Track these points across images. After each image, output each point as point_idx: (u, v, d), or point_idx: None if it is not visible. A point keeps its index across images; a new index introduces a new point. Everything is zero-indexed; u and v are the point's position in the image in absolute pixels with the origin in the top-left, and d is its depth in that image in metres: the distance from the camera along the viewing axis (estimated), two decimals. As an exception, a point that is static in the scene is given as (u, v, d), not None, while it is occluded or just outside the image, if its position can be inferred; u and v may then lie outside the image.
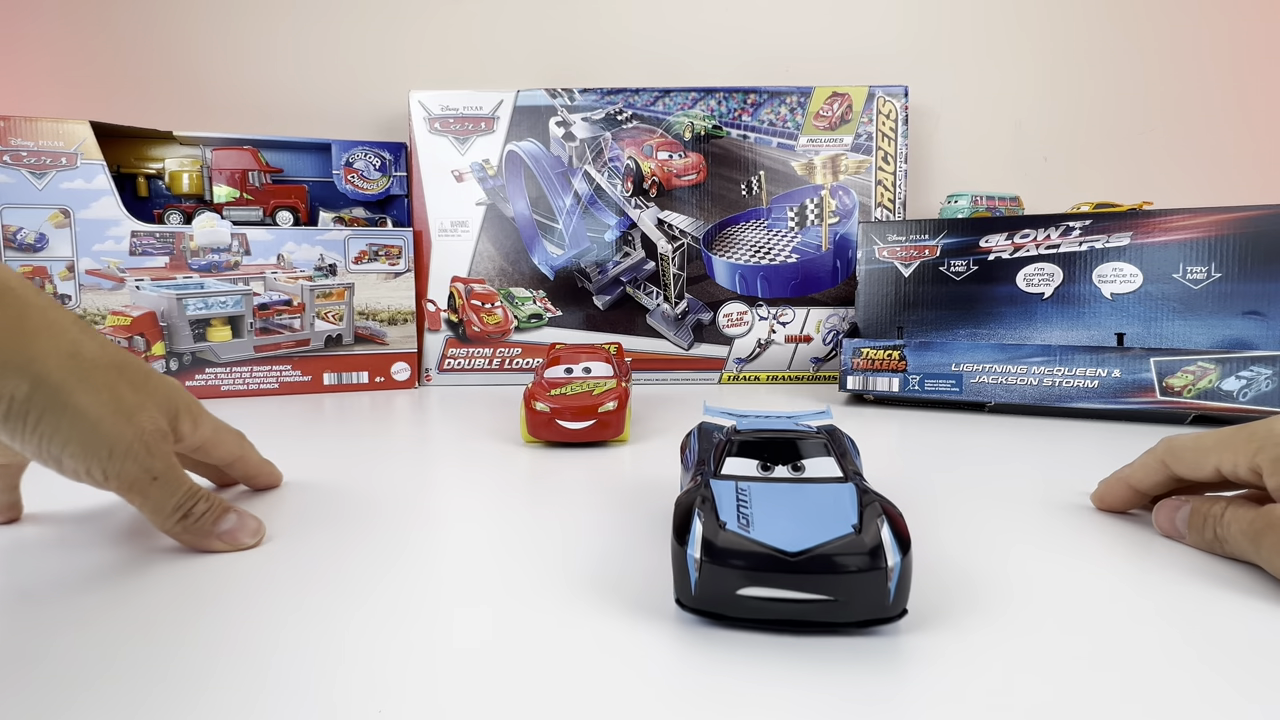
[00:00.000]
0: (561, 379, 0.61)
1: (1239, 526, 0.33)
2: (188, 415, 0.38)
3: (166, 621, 0.29)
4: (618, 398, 0.58)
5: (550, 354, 0.65)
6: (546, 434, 0.57)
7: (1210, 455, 0.35)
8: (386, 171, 0.94)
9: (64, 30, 0.97)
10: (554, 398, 0.57)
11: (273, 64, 1.01)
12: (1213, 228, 0.68)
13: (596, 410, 0.57)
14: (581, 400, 0.57)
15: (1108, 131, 1.06)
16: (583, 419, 0.56)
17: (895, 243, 0.81)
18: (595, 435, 0.57)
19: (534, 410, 0.57)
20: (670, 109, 0.93)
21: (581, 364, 0.63)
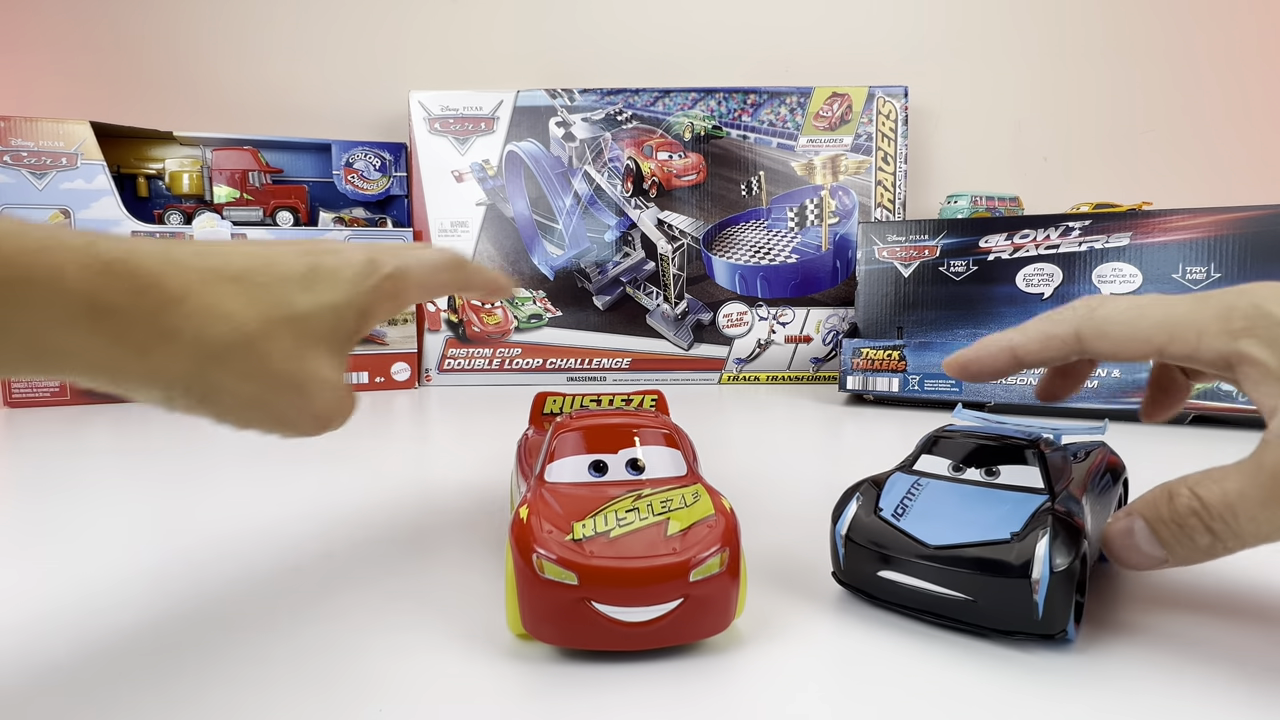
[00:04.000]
0: (590, 493, 0.29)
1: (1255, 499, 0.23)
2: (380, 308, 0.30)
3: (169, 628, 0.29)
4: (722, 540, 0.26)
5: (553, 424, 0.32)
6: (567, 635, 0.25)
7: (1157, 332, 0.26)
8: (386, 172, 0.94)
9: (64, 30, 0.97)
10: (580, 547, 0.25)
11: (273, 64, 1.01)
12: (1212, 228, 0.68)
13: (684, 581, 0.25)
14: (640, 552, 0.25)
15: (1108, 131, 1.06)
16: (650, 599, 0.25)
17: (895, 243, 0.81)
18: (676, 636, 0.26)
19: (541, 585, 0.25)
20: (670, 109, 0.93)
21: (624, 453, 0.30)
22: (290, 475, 0.51)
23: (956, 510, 0.28)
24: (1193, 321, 0.25)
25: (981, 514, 0.28)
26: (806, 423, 0.70)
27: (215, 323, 0.24)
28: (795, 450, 0.60)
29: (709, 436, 0.66)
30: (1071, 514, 0.27)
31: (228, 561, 0.36)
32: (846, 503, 0.30)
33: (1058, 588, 0.25)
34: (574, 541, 0.25)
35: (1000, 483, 0.29)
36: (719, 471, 0.52)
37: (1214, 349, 0.24)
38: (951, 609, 0.27)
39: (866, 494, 0.30)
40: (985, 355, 0.31)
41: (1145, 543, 0.26)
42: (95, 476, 0.52)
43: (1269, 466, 0.23)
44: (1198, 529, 0.24)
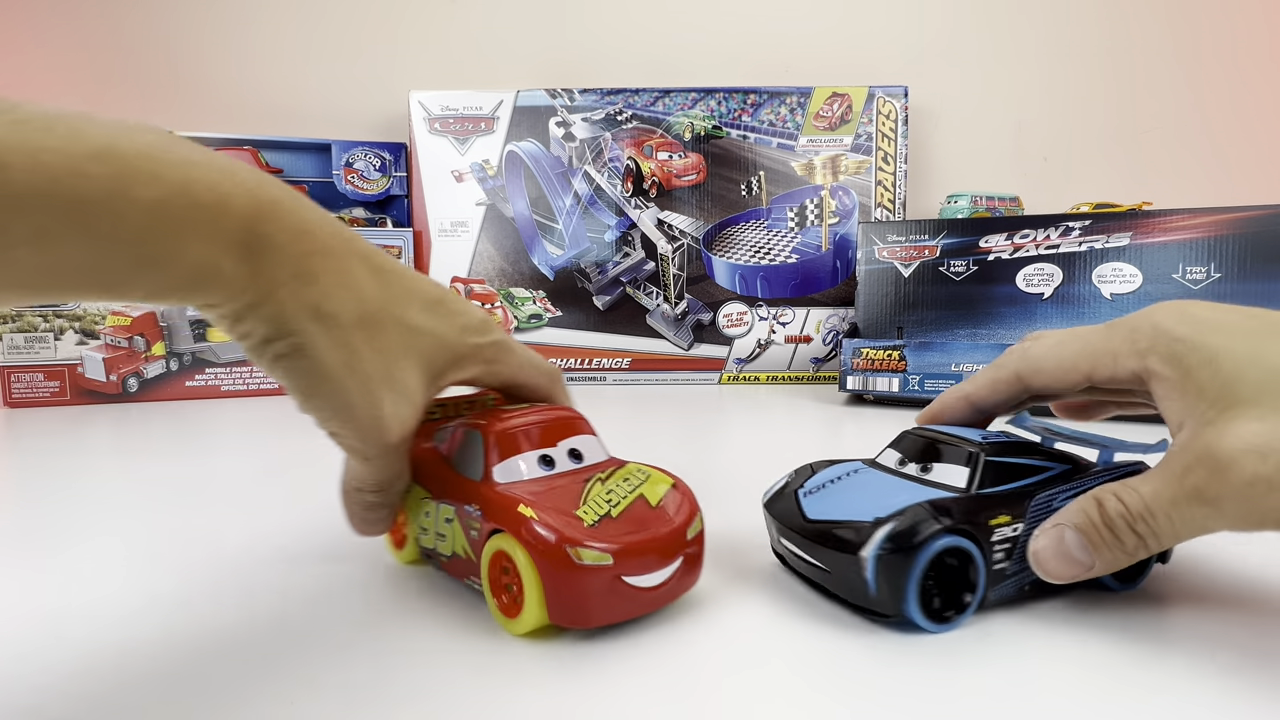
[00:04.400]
0: (559, 484, 0.29)
1: (1167, 499, 0.25)
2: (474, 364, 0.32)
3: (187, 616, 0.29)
4: (693, 503, 0.30)
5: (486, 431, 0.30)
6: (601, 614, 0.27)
7: (1080, 361, 0.29)
8: (386, 172, 0.94)
9: (63, 30, 0.97)
10: (596, 531, 0.27)
11: (273, 64, 1.01)
12: (1212, 228, 0.68)
13: (684, 541, 0.28)
14: (649, 524, 0.28)
15: (1108, 131, 1.06)
16: (664, 563, 0.28)
17: (895, 243, 0.81)
18: (675, 593, 0.29)
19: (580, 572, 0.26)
20: (670, 109, 0.93)
21: (563, 444, 0.32)
22: (291, 475, 0.51)
23: (862, 495, 0.30)
24: (1108, 347, 0.28)
25: (878, 501, 0.29)
26: (806, 423, 0.70)
27: (345, 288, 0.26)
28: (795, 450, 0.59)
29: (709, 436, 0.66)
30: (951, 510, 0.27)
31: (229, 561, 0.36)
32: (780, 480, 0.34)
33: (886, 570, 0.26)
34: (592, 527, 0.27)
35: (926, 478, 0.31)
36: (720, 471, 0.52)
37: (1128, 369, 0.27)
38: (819, 578, 0.30)
39: (800, 474, 0.34)
40: (946, 407, 0.34)
41: (1077, 549, 0.27)
42: (95, 477, 0.52)
43: (1177, 471, 0.25)
44: (1125, 531, 0.26)
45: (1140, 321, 0.27)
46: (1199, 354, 0.25)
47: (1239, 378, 0.24)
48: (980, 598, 0.28)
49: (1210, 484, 0.24)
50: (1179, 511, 0.25)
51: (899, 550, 0.26)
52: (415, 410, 0.29)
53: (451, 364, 0.31)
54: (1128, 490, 0.26)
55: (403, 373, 0.28)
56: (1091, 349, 0.28)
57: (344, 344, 0.26)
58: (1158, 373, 0.26)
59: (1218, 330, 0.25)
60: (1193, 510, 0.25)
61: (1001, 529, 0.28)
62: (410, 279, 0.30)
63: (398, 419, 0.28)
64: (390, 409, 0.28)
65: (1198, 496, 0.24)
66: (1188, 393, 0.25)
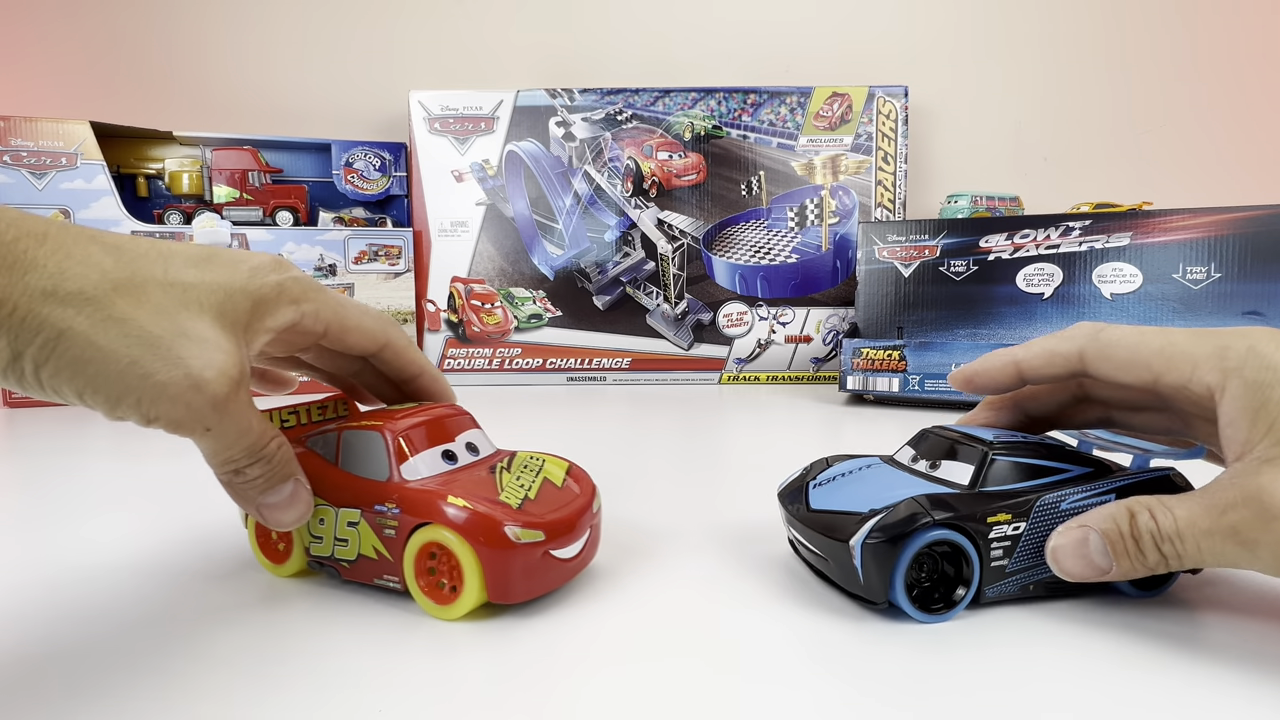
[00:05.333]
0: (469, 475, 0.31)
1: (1203, 529, 0.25)
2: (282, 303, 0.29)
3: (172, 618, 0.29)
4: (591, 482, 0.34)
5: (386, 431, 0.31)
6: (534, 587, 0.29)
7: (1155, 359, 0.27)
8: (386, 171, 0.94)
9: (64, 30, 0.97)
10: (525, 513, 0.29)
11: (273, 64, 1.01)
12: (1212, 228, 0.68)
13: (591, 514, 0.32)
14: (565, 502, 0.31)
15: (1108, 131, 1.06)
16: (580, 536, 0.31)
17: (895, 243, 0.81)
18: (585, 563, 0.32)
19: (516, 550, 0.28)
20: (670, 109, 0.93)
21: (460, 439, 0.33)
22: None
23: (865, 489, 0.31)
24: (1190, 354, 0.26)
25: (880, 494, 0.30)
26: (806, 423, 0.70)
27: (76, 266, 0.23)
28: (796, 450, 0.59)
29: (709, 436, 0.66)
30: (946, 505, 0.28)
31: (230, 563, 0.36)
32: (796, 472, 0.35)
33: (873, 559, 0.28)
34: (519, 509, 0.29)
35: (934, 475, 0.31)
36: (720, 470, 0.52)
37: (1204, 382, 0.26)
38: (820, 565, 0.31)
39: (815, 466, 0.35)
40: (990, 369, 0.32)
41: (1098, 553, 0.27)
42: (95, 477, 0.52)
43: (1220, 502, 0.24)
44: (1150, 547, 0.26)
45: (1234, 340, 0.26)
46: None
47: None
48: (974, 593, 0.29)
49: (1251, 527, 0.23)
50: (1211, 544, 0.24)
51: (887, 540, 0.27)
52: (231, 357, 0.26)
53: (254, 310, 0.28)
54: (1163, 509, 0.25)
55: (194, 326, 0.25)
56: (1173, 351, 0.27)
57: (109, 317, 0.23)
58: (1236, 395, 0.25)
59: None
60: (1225, 546, 0.24)
61: (1000, 527, 0.28)
62: (159, 244, 0.26)
63: (214, 368, 0.25)
64: (199, 361, 0.25)
65: (1234, 535, 0.24)
66: (1258, 425, 0.24)
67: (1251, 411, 0.24)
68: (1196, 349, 0.26)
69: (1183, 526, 0.25)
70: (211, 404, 0.25)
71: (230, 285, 0.27)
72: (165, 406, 0.25)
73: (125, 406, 0.24)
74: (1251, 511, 0.23)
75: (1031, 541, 0.29)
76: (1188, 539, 0.25)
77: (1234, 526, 0.24)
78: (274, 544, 0.33)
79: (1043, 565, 0.29)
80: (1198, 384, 0.26)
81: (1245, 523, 0.23)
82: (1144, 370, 0.27)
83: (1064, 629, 0.28)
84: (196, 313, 0.26)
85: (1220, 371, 0.25)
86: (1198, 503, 0.25)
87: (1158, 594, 0.30)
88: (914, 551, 0.27)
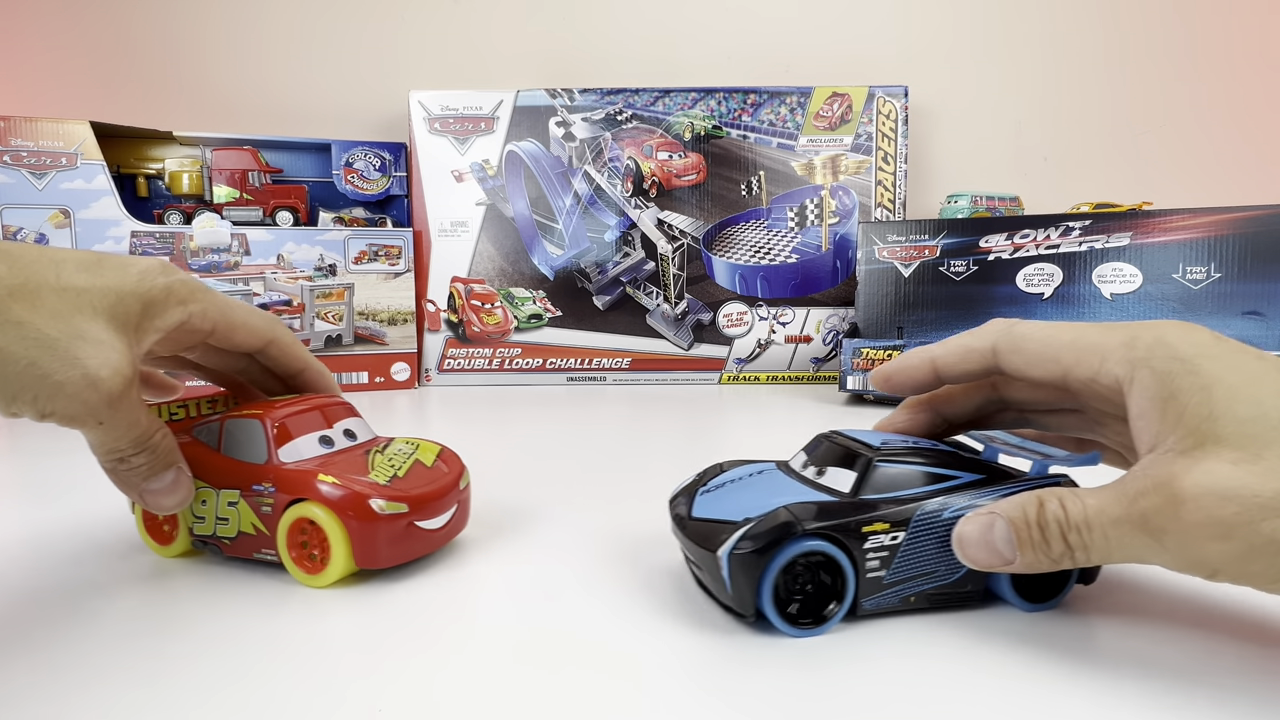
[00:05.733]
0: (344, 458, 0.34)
1: (1111, 517, 0.24)
2: (170, 305, 0.31)
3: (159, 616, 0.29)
4: (460, 463, 0.38)
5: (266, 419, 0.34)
6: (398, 554, 0.33)
7: (1066, 353, 0.27)
8: (386, 171, 0.94)
9: (64, 30, 0.97)
10: (391, 488, 0.32)
11: (273, 64, 1.01)
12: (1212, 228, 0.68)
13: (458, 490, 0.35)
14: (433, 479, 0.35)
15: (1108, 131, 1.06)
16: (445, 509, 0.34)
17: (895, 243, 0.81)
18: (454, 533, 0.36)
19: (381, 520, 0.31)
20: (670, 109, 0.93)
21: (338, 425, 0.36)
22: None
23: (748, 496, 0.30)
24: (1099, 346, 0.26)
25: (760, 502, 0.29)
26: (806, 423, 0.70)
27: None
28: (795, 450, 0.59)
29: (709, 436, 0.66)
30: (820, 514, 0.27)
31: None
32: (688, 478, 0.34)
33: (740, 570, 0.27)
34: (386, 485, 0.32)
35: (818, 482, 0.31)
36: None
37: (1113, 374, 0.25)
38: (698, 575, 0.30)
39: (706, 473, 0.34)
40: (907, 367, 0.32)
41: (1002, 542, 0.26)
42: (94, 477, 0.52)
43: (1130, 491, 0.24)
44: (1055, 537, 0.25)
45: (1142, 331, 0.25)
46: (1194, 379, 0.23)
47: (1227, 414, 0.23)
48: (849, 605, 0.28)
49: (1160, 515, 0.23)
50: (1118, 532, 0.24)
51: (754, 551, 0.27)
52: (124, 356, 0.28)
53: (145, 311, 0.29)
54: (1074, 498, 0.25)
55: (89, 328, 0.27)
56: (1083, 343, 0.26)
57: (6, 321, 0.25)
58: (1145, 386, 0.24)
59: (1219, 360, 0.24)
60: (1133, 536, 0.23)
61: (877, 536, 0.28)
62: (48, 251, 0.28)
63: (109, 367, 0.27)
64: (96, 361, 0.27)
65: (1143, 524, 0.23)
66: (1168, 415, 0.24)
67: (1160, 402, 0.24)
68: (1105, 341, 0.26)
69: (1091, 515, 0.24)
70: (106, 400, 0.27)
71: (120, 288, 0.29)
72: (62, 403, 0.26)
73: (21, 403, 0.26)
74: (1162, 498, 0.23)
75: (912, 552, 0.28)
76: (1095, 527, 0.24)
77: (1143, 514, 0.23)
78: (160, 526, 0.35)
79: (925, 577, 0.28)
80: (1106, 376, 0.26)
81: (1155, 510, 0.23)
82: (1054, 364, 0.27)
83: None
84: (90, 316, 0.27)
85: (1128, 363, 0.25)
86: (1108, 492, 0.24)
87: (1048, 607, 0.29)
88: (783, 562, 0.27)
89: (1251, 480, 0.22)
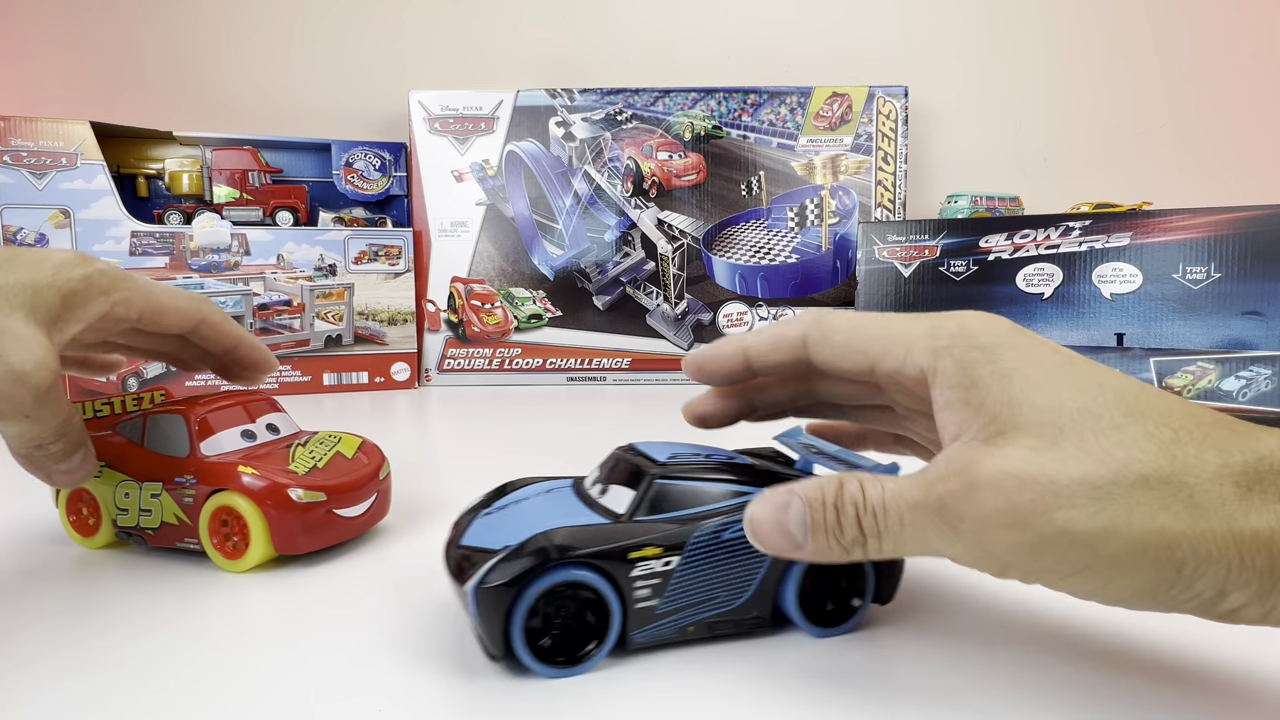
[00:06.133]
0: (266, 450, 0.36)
1: (909, 501, 0.23)
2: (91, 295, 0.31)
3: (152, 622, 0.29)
4: (380, 455, 0.40)
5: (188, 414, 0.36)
6: (316, 540, 0.35)
7: (872, 344, 0.26)
8: (386, 171, 0.94)
9: (64, 30, 0.97)
10: (309, 479, 0.34)
11: (273, 64, 1.00)
12: (1212, 228, 0.68)
13: (378, 480, 0.38)
14: (352, 469, 0.37)
15: (1108, 131, 1.06)
16: (364, 498, 0.36)
17: (895, 243, 0.81)
18: (374, 521, 0.38)
19: (299, 509, 0.34)
20: (670, 109, 0.93)
21: (260, 420, 0.39)
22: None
23: (524, 520, 0.27)
24: (904, 336, 0.25)
25: (534, 526, 0.26)
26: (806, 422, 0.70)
27: None
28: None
29: (709, 436, 0.66)
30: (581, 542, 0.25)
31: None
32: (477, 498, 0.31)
33: (486, 606, 0.24)
34: (305, 475, 0.34)
35: (599, 502, 0.28)
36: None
37: (916, 364, 0.25)
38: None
39: (495, 492, 0.31)
40: (719, 355, 0.30)
41: (795, 522, 0.24)
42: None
43: (930, 477, 0.23)
44: (850, 520, 0.24)
45: (946, 321, 0.25)
46: (994, 367, 0.23)
47: (1026, 402, 0.22)
48: (616, 639, 0.25)
49: (957, 500, 0.22)
50: (914, 517, 0.23)
51: (502, 584, 0.24)
52: (47, 350, 0.28)
53: (64, 305, 0.30)
54: (873, 482, 0.24)
55: (8, 324, 0.28)
56: (887, 334, 0.26)
57: None
58: (946, 376, 0.24)
59: (1018, 349, 0.23)
60: (929, 522, 0.23)
61: (647, 562, 0.25)
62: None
63: (33, 361, 0.28)
64: (19, 357, 0.27)
65: (940, 510, 0.22)
66: (969, 404, 0.23)
67: (963, 390, 0.23)
68: (910, 330, 0.25)
69: (889, 498, 0.23)
70: (33, 395, 0.28)
71: (36, 283, 0.29)
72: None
73: None
74: (960, 483, 0.22)
75: (688, 578, 0.26)
76: (891, 510, 0.23)
77: (940, 499, 0.22)
78: (84, 519, 0.37)
79: (704, 604, 0.26)
80: (911, 367, 0.25)
81: (952, 495, 0.22)
82: (861, 355, 0.26)
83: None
84: (8, 311, 0.28)
85: (931, 352, 0.24)
86: (909, 479, 0.24)
87: (841, 631, 0.28)
88: (535, 596, 0.24)
89: (1049, 466, 0.21)
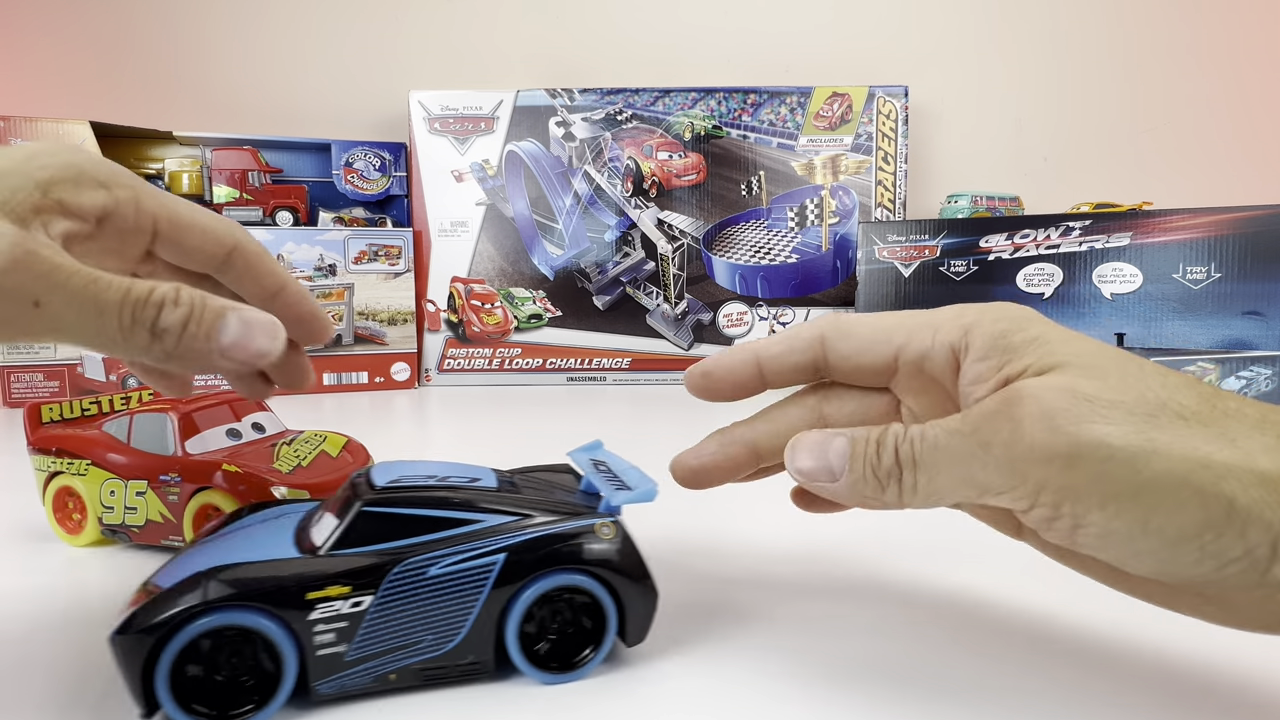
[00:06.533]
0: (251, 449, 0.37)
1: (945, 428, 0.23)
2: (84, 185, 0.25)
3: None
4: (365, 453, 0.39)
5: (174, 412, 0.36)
6: None
7: (896, 332, 0.26)
8: (386, 171, 0.94)
9: (64, 30, 0.97)
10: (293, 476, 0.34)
11: (273, 64, 1.00)
12: (1212, 228, 0.68)
13: None
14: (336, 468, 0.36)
15: (1108, 131, 1.06)
16: None
17: (895, 243, 0.81)
18: None
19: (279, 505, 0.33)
20: (670, 109, 0.93)
21: (246, 419, 0.39)
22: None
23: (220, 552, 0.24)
24: (929, 322, 0.26)
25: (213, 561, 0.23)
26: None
27: None
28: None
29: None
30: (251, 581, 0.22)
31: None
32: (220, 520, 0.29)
33: (125, 657, 0.21)
34: (289, 473, 0.34)
35: (308, 532, 0.25)
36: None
37: (946, 343, 0.25)
38: None
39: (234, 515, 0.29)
40: (730, 363, 0.28)
41: (835, 453, 0.24)
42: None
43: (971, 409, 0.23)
44: (888, 449, 0.23)
45: (967, 307, 0.25)
46: (1025, 334, 0.23)
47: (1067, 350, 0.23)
48: (292, 689, 0.22)
49: (994, 417, 0.22)
50: (950, 441, 0.22)
51: (140, 632, 0.21)
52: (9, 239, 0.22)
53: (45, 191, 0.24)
54: (917, 423, 0.24)
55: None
56: (912, 320, 0.26)
57: None
58: (979, 349, 0.24)
59: (1045, 323, 0.24)
60: (964, 445, 0.22)
61: (332, 603, 0.23)
62: None
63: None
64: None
65: (976, 431, 0.22)
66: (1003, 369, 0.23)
67: (999, 356, 0.23)
68: (934, 316, 0.26)
69: (928, 427, 0.23)
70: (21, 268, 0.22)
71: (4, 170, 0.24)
72: None
73: None
74: (997, 403, 0.22)
75: (384, 620, 0.23)
76: (929, 436, 0.23)
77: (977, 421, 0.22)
78: (69, 516, 0.37)
79: (407, 649, 0.24)
80: (940, 347, 0.25)
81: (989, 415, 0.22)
82: (885, 345, 0.26)
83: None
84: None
85: (961, 329, 0.24)
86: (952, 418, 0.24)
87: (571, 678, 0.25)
88: (180, 646, 0.21)
89: (1089, 387, 0.21)
